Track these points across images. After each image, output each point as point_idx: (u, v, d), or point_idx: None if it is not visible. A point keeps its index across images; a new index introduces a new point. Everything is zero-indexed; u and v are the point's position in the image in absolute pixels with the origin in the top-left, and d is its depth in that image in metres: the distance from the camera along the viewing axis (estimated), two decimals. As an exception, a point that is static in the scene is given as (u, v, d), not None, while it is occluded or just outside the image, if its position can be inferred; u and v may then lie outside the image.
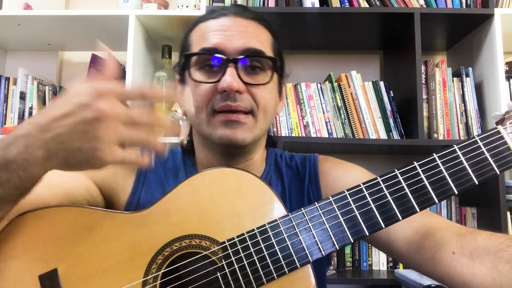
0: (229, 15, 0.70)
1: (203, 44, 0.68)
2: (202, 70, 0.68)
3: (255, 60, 0.68)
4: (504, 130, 0.57)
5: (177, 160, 0.77)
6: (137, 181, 0.73)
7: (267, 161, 0.79)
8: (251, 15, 0.71)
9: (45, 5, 1.70)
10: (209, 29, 0.69)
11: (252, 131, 0.67)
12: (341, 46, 1.76)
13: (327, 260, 0.79)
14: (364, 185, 0.58)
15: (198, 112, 0.68)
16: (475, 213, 1.51)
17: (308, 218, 0.57)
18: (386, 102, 1.49)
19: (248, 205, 0.58)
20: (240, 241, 0.56)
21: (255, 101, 0.67)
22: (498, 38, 1.40)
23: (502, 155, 0.56)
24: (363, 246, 1.54)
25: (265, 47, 0.69)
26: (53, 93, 1.62)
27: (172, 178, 0.74)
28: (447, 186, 0.56)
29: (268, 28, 0.73)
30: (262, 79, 0.68)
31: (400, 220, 0.56)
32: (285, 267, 0.55)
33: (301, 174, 0.77)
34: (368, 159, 1.73)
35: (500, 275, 0.52)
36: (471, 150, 0.57)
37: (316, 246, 0.55)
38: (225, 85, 0.63)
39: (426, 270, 0.61)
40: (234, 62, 0.65)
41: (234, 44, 0.66)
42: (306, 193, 0.75)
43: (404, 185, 0.56)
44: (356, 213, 0.56)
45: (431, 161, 0.57)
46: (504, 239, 0.55)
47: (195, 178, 0.61)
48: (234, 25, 0.68)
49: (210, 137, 0.67)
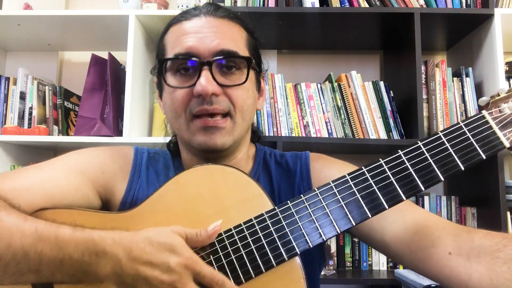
0: (201, 15, 0.69)
1: (176, 48, 0.67)
2: (177, 74, 0.67)
3: (229, 61, 0.67)
4: (489, 114, 0.57)
5: (167, 161, 0.78)
6: (131, 180, 0.73)
7: (255, 159, 0.79)
8: (224, 14, 0.70)
9: (45, 5, 1.70)
10: (181, 32, 0.68)
11: (231, 134, 0.67)
12: (341, 46, 1.76)
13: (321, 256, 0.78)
14: (349, 175, 0.58)
15: (176, 117, 0.68)
16: (475, 213, 1.51)
17: (294, 210, 0.57)
18: (386, 102, 1.49)
19: (234, 201, 0.58)
20: (228, 236, 0.57)
21: (232, 102, 0.66)
22: (498, 38, 1.40)
23: (488, 139, 0.56)
24: (363, 246, 1.54)
25: (239, 46, 0.68)
26: (53, 93, 1.62)
27: (164, 177, 0.75)
28: (433, 173, 0.56)
29: (242, 25, 0.72)
30: (237, 79, 0.67)
31: (386, 209, 0.56)
32: (273, 260, 0.55)
33: (291, 171, 0.77)
34: (368, 159, 1.72)
35: (497, 276, 0.52)
36: (456, 136, 0.57)
37: (303, 238, 0.56)
38: (200, 89, 0.63)
39: (422, 270, 0.61)
40: (208, 64, 0.64)
41: (207, 46, 0.65)
42: (296, 190, 0.75)
43: (389, 174, 0.57)
44: (342, 204, 0.56)
45: (416, 149, 0.57)
46: (500, 238, 0.55)
47: (181, 176, 0.62)
48: (206, 26, 0.67)
49: (190, 142, 0.68)
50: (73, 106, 1.70)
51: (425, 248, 0.60)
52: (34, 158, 1.68)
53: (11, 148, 1.57)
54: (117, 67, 1.59)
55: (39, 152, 1.72)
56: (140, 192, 0.72)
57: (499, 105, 0.57)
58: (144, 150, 0.79)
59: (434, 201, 1.53)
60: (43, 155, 1.73)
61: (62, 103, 1.63)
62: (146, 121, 1.59)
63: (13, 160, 1.57)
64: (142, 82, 1.55)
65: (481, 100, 0.62)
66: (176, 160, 0.78)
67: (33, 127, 1.55)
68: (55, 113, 1.62)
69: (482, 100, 0.61)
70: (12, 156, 1.57)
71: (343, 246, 1.54)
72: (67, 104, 1.66)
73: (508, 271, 0.51)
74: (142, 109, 1.55)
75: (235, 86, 0.67)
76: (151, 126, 1.60)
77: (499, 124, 0.56)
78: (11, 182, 0.61)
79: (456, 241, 0.58)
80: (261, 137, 0.84)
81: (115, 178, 0.72)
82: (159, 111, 1.57)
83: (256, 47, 0.75)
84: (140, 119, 1.53)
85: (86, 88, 1.55)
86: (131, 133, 1.43)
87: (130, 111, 1.42)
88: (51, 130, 1.59)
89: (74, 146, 1.49)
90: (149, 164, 0.76)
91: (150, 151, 0.79)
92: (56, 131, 1.61)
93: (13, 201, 0.56)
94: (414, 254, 0.61)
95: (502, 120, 0.56)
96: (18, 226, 0.51)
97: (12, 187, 0.60)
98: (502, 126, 0.56)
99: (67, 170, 0.67)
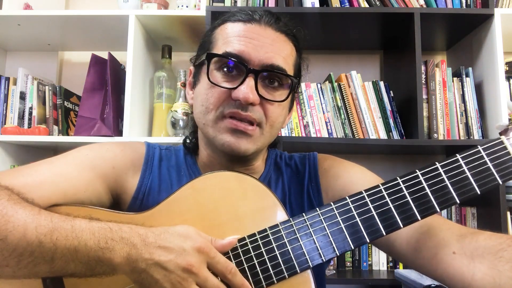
0: (261, 23, 0.68)
1: (228, 46, 0.66)
2: (221, 71, 0.67)
3: (276, 77, 0.67)
4: (507, 140, 0.57)
5: (179, 158, 0.78)
6: (143, 176, 0.73)
7: (267, 161, 0.79)
8: (282, 28, 0.69)
9: (45, 5, 1.70)
10: (236, 32, 0.67)
11: (256, 143, 0.67)
12: (341, 46, 1.76)
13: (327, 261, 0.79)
14: (366, 192, 0.58)
15: (206, 113, 0.67)
16: (475, 213, 1.51)
17: (309, 223, 0.57)
18: (386, 102, 1.49)
19: (249, 209, 0.58)
20: (241, 245, 0.57)
21: (266, 115, 0.67)
22: (498, 38, 1.40)
23: (505, 165, 0.56)
24: (363, 246, 1.54)
25: (288, 65, 0.69)
26: (53, 93, 1.62)
27: (175, 173, 0.75)
28: (449, 195, 0.56)
29: (295, 44, 0.72)
30: (278, 96, 0.68)
31: (401, 228, 0.56)
32: (285, 272, 0.55)
33: (300, 172, 0.77)
34: (368, 159, 1.73)
35: (500, 275, 0.52)
36: (473, 160, 0.57)
37: (316, 251, 0.56)
38: (240, 96, 0.63)
39: (426, 270, 0.61)
40: (255, 73, 0.64)
41: (260, 55, 0.65)
42: (306, 191, 0.75)
43: (406, 193, 0.57)
44: (357, 220, 0.56)
45: (434, 170, 0.57)
46: (505, 239, 0.55)
47: (197, 181, 0.62)
48: (263, 35, 0.67)
49: (214, 140, 0.67)
50: (73, 106, 1.70)
51: (430, 248, 0.60)
52: (34, 158, 1.68)
53: (11, 148, 1.57)
54: (117, 67, 1.59)
55: (39, 152, 1.72)
56: (151, 188, 0.72)
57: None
58: (155, 145, 0.79)
59: (434, 201, 1.53)
60: (43, 155, 1.73)
61: (62, 103, 1.63)
62: (146, 121, 1.59)
63: (13, 160, 1.57)
64: (142, 82, 1.55)
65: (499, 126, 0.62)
66: (190, 157, 0.77)
67: (33, 127, 1.55)
68: (55, 113, 1.62)
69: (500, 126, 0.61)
70: (12, 156, 1.57)
71: (343, 246, 1.53)
72: (67, 104, 1.66)
73: (511, 270, 0.52)
74: (142, 109, 1.55)
75: (274, 102, 0.67)
76: (151, 126, 1.60)
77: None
78: (24, 177, 0.61)
79: (460, 241, 0.58)
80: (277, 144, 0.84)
81: (126, 173, 0.72)
82: (159, 111, 1.57)
83: (300, 68, 0.75)
84: (140, 119, 1.53)
85: (86, 88, 1.55)
86: (131, 133, 1.43)
87: (130, 111, 1.42)
88: (51, 130, 1.59)
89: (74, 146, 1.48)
90: (161, 160, 0.76)
91: (161, 147, 0.79)
92: (56, 131, 1.61)
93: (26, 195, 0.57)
94: (419, 253, 0.62)
95: None
96: (33, 217, 0.52)
97: (24, 182, 0.60)
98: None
99: (79, 165, 0.67)
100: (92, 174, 0.68)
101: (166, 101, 1.56)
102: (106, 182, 0.69)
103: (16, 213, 0.51)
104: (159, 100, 1.57)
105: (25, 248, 0.50)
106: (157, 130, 1.55)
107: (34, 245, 0.50)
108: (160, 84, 1.57)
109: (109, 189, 0.70)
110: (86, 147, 0.72)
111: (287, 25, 0.71)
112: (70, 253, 0.51)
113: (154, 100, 1.59)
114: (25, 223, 0.51)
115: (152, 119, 1.60)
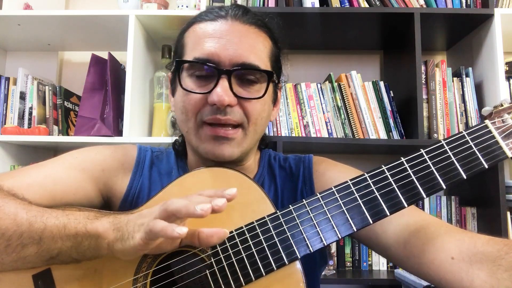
0: (227, 18, 0.66)
1: (196, 51, 0.64)
2: (194, 77, 0.65)
3: (249, 73, 0.64)
4: (492, 124, 0.57)
5: (171, 161, 0.78)
6: (133, 178, 0.73)
7: (260, 163, 0.78)
8: (252, 20, 0.67)
9: (45, 5, 1.70)
10: (204, 33, 0.65)
11: (240, 145, 0.66)
12: (341, 46, 1.76)
13: (323, 260, 0.78)
14: (351, 181, 0.58)
15: (186, 120, 0.66)
16: (475, 213, 1.51)
17: (296, 215, 0.57)
18: (386, 102, 1.49)
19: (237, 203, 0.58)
20: (229, 238, 0.57)
21: (246, 114, 0.65)
22: (498, 38, 1.40)
23: (490, 149, 0.56)
24: (363, 246, 1.54)
25: (262, 58, 0.66)
26: (53, 93, 1.62)
27: (166, 177, 0.75)
28: (435, 181, 0.56)
29: (268, 34, 0.69)
30: (256, 92, 0.65)
31: (388, 216, 0.56)
32: (273, 264, 0.55)
33: (294, 175, 0.76)
34: (368, 159, 1.73)
35: (498, 284, 0.52)
36: (458, 145, 0.57)
37: (304, 242, 0.55)
38: (216, 99, 0.61)
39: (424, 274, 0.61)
40: (227, 73, 0.62)
41: (229, 54, 0.62)
42: (299, 194, 0.74)
43: (392, 181, 0.56)
44: (343, 209, 0.56)
45: (418, 157, 0.57)
46: (502, 245, 0.54)
47: (184, 178, 0.62)
48: (232, 31, 0.64)
49: (197, 149, 0.67)
50: (73, 106, 1.69)
51: (427, 253, 0.59)
52: (34, 158, 1.68)
53: (11, 148, 1.57)
54: (117, 67, 1.59)
55: (39, 152, 1.72)
56: (141, 191, 0.72)
57: (502, 115, 0.58)
58: (147, 148, 0.79)
59: (434, 201, 1.53)
60: (43, 155, 1.73)
61: (62, 103, 1.63)
62: (146, 121, 1.59)
63: (13, 160, 1.57)
64: (142, 82, 1.55)
65: (484, 110, 0.62)
66: (180, 160, 0.77)
67: (33, 127, 1.55)
68: (55, 113, 1.62)
69: (485, 110, 0.61)
70: (12, 156, 1.57)
71: (343, 246, 1.54)
72: (67, 104, 1.66)
73: (509, 279, 0.52)
74: (142, 109, 1.55)
75: (252, 99, 0.65)
76: (151, 126, 1.60)
77: (502, 134, 0.56)
78: (13, 179, 0.62)
79: (459, 246, 0.57)
80: (268, 143, 0.83)
81: (116, 175, 0.72)
82: (159, 111, 1.57)
83: (278, 57, 0.72)
84: (140, 119, 1.53)
85: (86, 88, 1.55)
86: (131, 133, 1.43)
87: (130, 111, 1.42)
88: (51, 130, 1.59)
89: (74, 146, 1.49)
90: (152, 163, 0.76)
91: (154, 150, 0.79)
92: (56, 131, 1.61)
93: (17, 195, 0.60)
94: (416, 258, 0.61)
95: (505, 130, 0.56)
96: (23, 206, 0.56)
97: (13, 184, 0.61)
98: (505, 136, 0.56)
99: (68, 168, 0.68)
100: (82, 176, 0.68)
101: (166, 101, 1.56)
102: (96, 185, 0.70)
103: (7, 204, 0.55)
104: (159, 100, 1.57)
105: (14, 231, 0.53)
106: (157, 130, 1.55)
107: (24, 226, 0.53)
108: (160, 84, 1.57)
109: (100, 192, 0.71)
110: (76, 151, 0.73)
111: (256, 15, 0.68)
112: (59, 230, 0.54)
113: (154, 100, 1.59)
114: (16, 210, 0.54)
115: (152, 119, 1.59)
